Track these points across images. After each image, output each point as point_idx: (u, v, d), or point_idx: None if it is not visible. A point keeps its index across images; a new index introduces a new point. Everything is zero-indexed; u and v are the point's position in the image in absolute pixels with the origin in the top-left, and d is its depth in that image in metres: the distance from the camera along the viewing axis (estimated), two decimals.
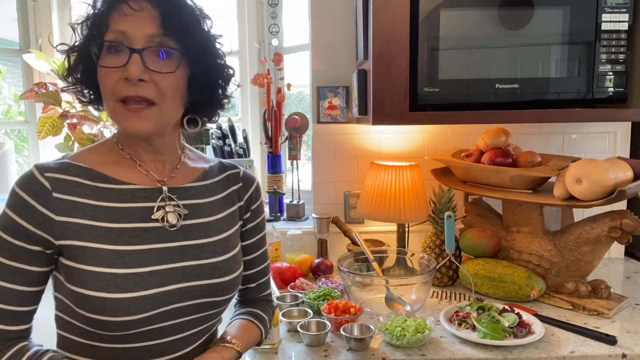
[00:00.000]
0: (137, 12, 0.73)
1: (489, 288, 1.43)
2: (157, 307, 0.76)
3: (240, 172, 0.95)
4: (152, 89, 0.75)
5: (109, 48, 0.74)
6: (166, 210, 0.81)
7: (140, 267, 0.75)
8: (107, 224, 0.76)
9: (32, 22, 2.04)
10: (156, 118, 0.77)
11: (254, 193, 0.95)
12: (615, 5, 1.33)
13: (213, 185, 0.90)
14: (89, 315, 0.74)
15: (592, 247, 1.37)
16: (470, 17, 1.34)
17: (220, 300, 0.84)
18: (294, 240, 1.76)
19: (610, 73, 1.36)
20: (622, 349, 1.14)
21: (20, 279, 0.75)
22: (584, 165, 1.29)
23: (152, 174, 0.83)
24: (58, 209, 0.74)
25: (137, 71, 0.72)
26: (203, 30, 0.79)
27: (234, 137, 2.07)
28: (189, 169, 0.89)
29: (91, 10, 0.77)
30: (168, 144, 0.85)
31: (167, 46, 0.75)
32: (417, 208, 1.57)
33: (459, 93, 1.38)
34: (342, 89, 1.76)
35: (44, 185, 0.74)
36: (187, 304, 0.80)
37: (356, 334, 1.19)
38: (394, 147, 1.79)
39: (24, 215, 0.73)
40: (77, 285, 0.74)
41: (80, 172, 0.78)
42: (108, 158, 0.82)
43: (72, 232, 0.74)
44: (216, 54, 0.82)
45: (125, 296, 0.73)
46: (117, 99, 0.74)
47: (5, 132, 2.25)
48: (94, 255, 0.74)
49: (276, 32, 2.13)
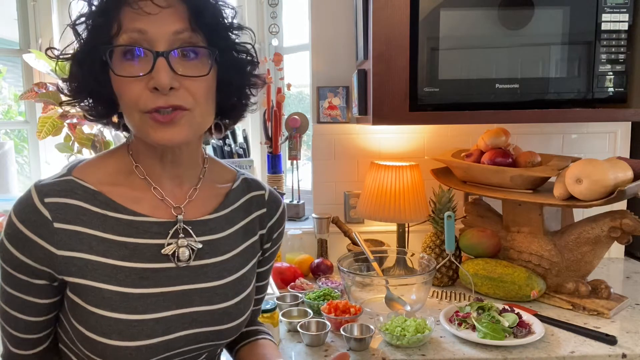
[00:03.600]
0: (163, 10, 0.62)
1: (489, 288, 1.43)
2: (160, 353, 0.71)
3: (265, 194, 0.85)
4: (184, 95, 0.65)
5: (125, 53, 0.64)
6: (179, 244, 0.72)
7: (146, 314, 0.68)
8: (114, 261, 0.68)
9: (32, 22, 2.04)
10: (190, 124, 0.67)
11: (279, 219, 0.86)
12: (615, 5, 1.33)
13: (233, 213, 0.80)
14: (90, 355, 0.69)
15: (592, 247, 1.36)
16: (470, 17, 1.34)
17: (226, 341, 0.80)
18: (294, 240, 1.76)
19: (610, 73, 1.36)
20: (622, 349, 1.14)
21: (30, 311, 0.71)
22: (584, 165, 1.29)
23: (167, 199, 0.74)
24: (60, 242, 0.66)
25: (167, 79, 0.62)
26: (228, 22, 0.69)
27: (234, 137, 2.07)
28: (209, 191, 0.79)
29: (92, 7, 0.65)
30: (192, 156, 0.76)
31: (195, 45, 0.65)
32: (417, 208, 1.57)
33: (459, 93, 1.38)
34: (342, 89, 1.76)
35: (43, 215, 0.66)
36: (192, 347, 0.74)
37: (356, 334, 1.19)
38: (394, 147, 1.79)
39: (23, 250, 0.66)
40: (80, 324, 0.69)
41: (87, 195, 0.69)
42: (119, 177, 0.72)
43: (75, 269, 0.67)
44: (241, 49, 0.72)
45: (129, 344, 0.67)
46: (145, 111, 0.64)
47: (5, 132, 2.25)
48: (99, 297, 0.67)
49: (276, 32, 2.13)
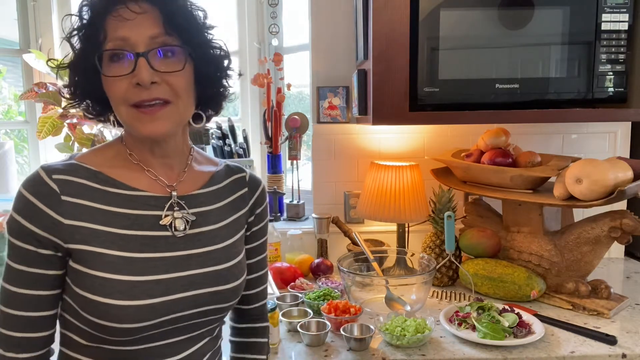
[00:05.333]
0: (138, 15, 0.72)
1: (489, 288, 1.43)
2: (161, 315, 0.76)
3: (246, 175, 0.94)
4: (165, 89, 0.74)
5: (112, 57, 0.73)
6: (174, 216, 0.80)
7: (147, 275, 0.75)
8: (116, 229, 0.75)
9: (32, 22, 2.04)
10: (173, 116, 0.76)
11: (259, 197, 0.94)
12: (615, 5, 1.33)
13: (220, 191, 0.89)
14: (93, 320, 0.73)
15: (592, 247, 1.37)
16: (470, 17, 1.34)
17: (224, 306, 0.85)
18: (294, 240, 1.76)
19: (610, 73, 1.36)
20: (622, 349, 1.14)
21: (37, 285, 0.74)
22: (584, 165, 1.29)
23: (160, 179, 0.82)
24: (67, 213, 0.73)
25: (147, 75, 0.71)
26: (200, 22, 0.78)
27: (234, 137, 2.07)
28: (197, 173, 0.88)
29: (82, 21, 0.74)
30: (178, 146, 0.84)
31: (170, 45, 0.74)
32: (417, 208, 1.57)
33: (459, 93, 1.38)
34: (342, 89, 1.76)
35: (52, 187, 0.73)
36: (192, 311, 0.80)
37: (356, 334, 1.19)
38: (394, 147, 1.79)
39: (32, 219, 0.72)
40: (83, 290, 0.73)
41: (89, 174, 0.77)
42: (116, 161, 0.81)
43: (80, 237, 0.73)
44: (214, 45, 0.81)
45: (131, 304, 0.73)
46: (131, 104, 0.73)
47: (5, 132, 2.25)
48: (102, 261, 0.73)
49: (276, 32, 2.13)
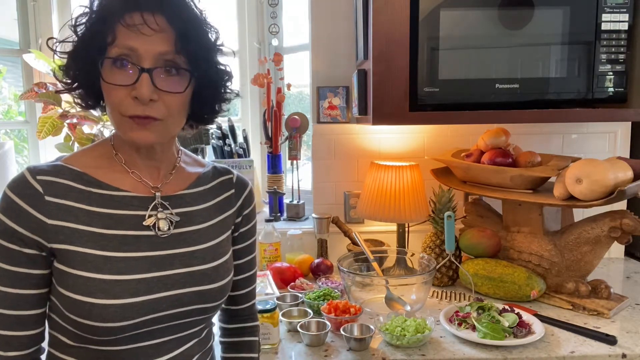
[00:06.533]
0: (155, 33, 0.71)
1: (489, 288, 1.43)
2: (144, 314, 0.76)
3: (233, 177, 0.93)
4: (161, 108, 0.74)
5: (115, 61, 0.72)
6: (158, 217, 0.80)
7: (128, 274, 0.75)
8: (98, 229, 0.76)
9: (32, 22, 2.04)
10: (161, 131, 0.76)
11: (247, 199, 0.94)
12: (615, 5, 1.33)
13: (206, 192, 0.89)
14: (77, 319, 0.74)
15: (592, 247, 1.37)
16: (470, 17, 1.34)
17: (209, 306, 0.84)
18: (294, 240, 1.76)
19: (610, 73, 1.36)
20: (622, 349, 1.14)
21: (23, 284, 0.75)
22: (584, 165, 1.29)
23: (145, 181, 0.82)
24: (50, 213, 0.74)
25: (148, 92, 0.71)
26: (211, 45, 0.78)
27: (234, 137, 2.07)
28: (184, 174, 0.88)
29: (93, 14, 0.73)
30: (165, 150, 0.84)
31: (177, 66, 0.74)
32: (417, 208, 1.57)
33: (459, 93, 1.38)
34: (342, 89, 1.76)
35: (36, 188, 0.73)
36: (175, 311, 0.79)
37: (356, 334, 1.19)
38: (394, 147, 1.79)
39: (17, 219, 0.73)
40: (67, 289, 0.74)
41: (74, 175, 0.77)
42: (102, 162, 0.81)
43: (64, 237, 0.74)
44: (219, 68, 0.81)
45: (113, 302, 0.73)
46: (125, 115, 0.73)
47: (5, 132, 2.25)
48: (84, 260, 0.74)
49: (276, 32, 2.13)
